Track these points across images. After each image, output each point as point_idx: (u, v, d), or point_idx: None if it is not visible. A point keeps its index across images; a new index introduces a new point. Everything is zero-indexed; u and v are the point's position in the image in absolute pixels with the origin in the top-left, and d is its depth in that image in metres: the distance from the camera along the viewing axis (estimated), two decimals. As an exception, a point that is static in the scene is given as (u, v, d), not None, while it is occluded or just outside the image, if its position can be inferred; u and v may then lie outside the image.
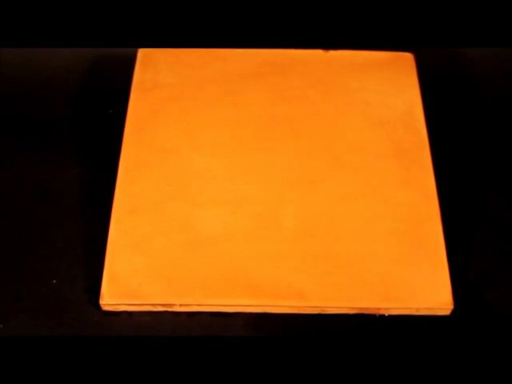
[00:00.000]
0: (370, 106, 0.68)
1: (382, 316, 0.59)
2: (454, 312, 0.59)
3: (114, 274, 0.59)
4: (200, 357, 0.56)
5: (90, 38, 0.70)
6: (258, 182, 0.64)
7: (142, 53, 0.72)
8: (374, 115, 0.68)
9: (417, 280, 0.59)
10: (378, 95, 0.69)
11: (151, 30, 0.70)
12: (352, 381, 0.55)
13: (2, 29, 0.68)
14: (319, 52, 0.72)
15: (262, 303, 0.58)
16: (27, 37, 0.70)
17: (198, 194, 0.63)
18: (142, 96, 0.69)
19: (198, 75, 0.71)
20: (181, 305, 0.59)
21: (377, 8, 0.69)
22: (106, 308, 0.59)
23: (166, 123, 0.67)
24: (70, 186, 0.66)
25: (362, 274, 0.59)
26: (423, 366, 0.56)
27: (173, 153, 0.65)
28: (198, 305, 0.59)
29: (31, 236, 0.64)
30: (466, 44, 0.70)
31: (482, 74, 0.75)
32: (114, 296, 0.58)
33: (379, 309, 0.59)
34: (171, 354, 0.56)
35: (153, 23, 0.69)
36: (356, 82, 0.70)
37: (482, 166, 0.69)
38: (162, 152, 0.65)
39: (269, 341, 0.57)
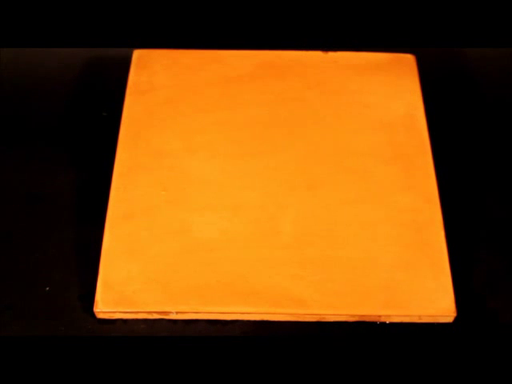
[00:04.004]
0: (370, 108, 0.68)
1: (383, 323, 0.59)
2: (456, 319, 0.58)
3: (108, 281, 0.59)
4: (197, 365, 0.56)
5: (84, 37, 0.70)
6: (256, 187, 0.63)
7: (137, 54, 0.72)
8: (374, 118, 0.67)
9: (419, 287, 0.58)
10: (378, 98, 0.69)
11: (147, 30, 0.70)
12: (353, 390, 0.55)
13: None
14: (318, 53, 0.72)
15: (260, 311, 0.58)
16: (19, 37, 0.69)
17: (194, 198, 0.63)
18: (137, 99, 0.68)
19: (194, 77, 0.70)
20: (177, 312, 0.58)
21: (377, 8, 0.69)
22: (100, 316, 0.59)
23: (162, 126, 0.67)
24: (63, 190, 0.66)
25: (362, 280, 0.59)
26: (425, 374, 0.56)
27: (169, 157, 0.65)
28: (195, 312, 0.58)
29: (23, 242, 0.63)
30: (468, 44, 0.70)
31: (484, 76, 0.75)
32: (108, 303, 0.58)
33: (380, 316, 0.58)
34: (168, 361, 0.56)
35: (149, 23, 0.69)
36: (356, 84, 0.70)
37: (485, 169, 0.68)
38: (158, 156, 0.65)
39: (267, 349, 0.57)
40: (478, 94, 0.74)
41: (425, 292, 0.58)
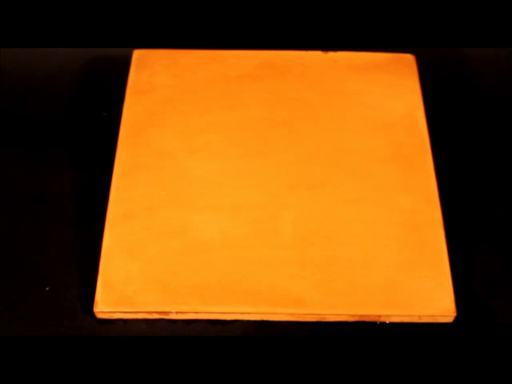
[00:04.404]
0: (370, 108, 0.68)
1: (383, 323, 0.58)
2: (456, 319, 0.58)
3: (108, 281, 0.58)
4: (197, 365, 0.56)
5: (84, 37, 0.70)
6: (256, 187, 0.63)
7: (137, 54, 0.71)
8: (374, 118, 0.67)
9: (418, 286, 0.58)
10: (378, 98, 0.69)
11: (147, 30, 0.70)
12: (353, 390, 0.55)
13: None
14: (318, 53, 0.72)
15: (260, 311, 0.58)
16: (19, 37, 0.69)
17: (194, 198, 0.62)
18: (137, 98, 0.68)
19: (194, 77, 0.70)
20: (177, 312, 0.58)
21: (377, 8, 0.68)
22: (100, 316, 0.58)
23: (162, 126, 0.66)
24: (63, 190, 0.66)
25: (362, 280, 0.59)
26: (425, 374, 0.55)
27: (169, 157, 0.65)
28: (195, 312, 0.58)
29: (23, 242, 0.63)
30: (468, 44, 0.70)
31: (485, 76, 0.75)
32: (108, 303, 0.58)
33: (380, 316, 0.58)
34: (168, 362, 0.56)
35: (149, 23, 0.69)
36: (356, 84, 0.69)
37: (485, 169, 0.68)
38: (158, 156, 0.65)
39: (267, 349, 0.56)
40: (478, 93, 0.73)
41: (425, 292, 0.58)
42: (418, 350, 0.57)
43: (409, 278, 0.58)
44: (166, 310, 0.58)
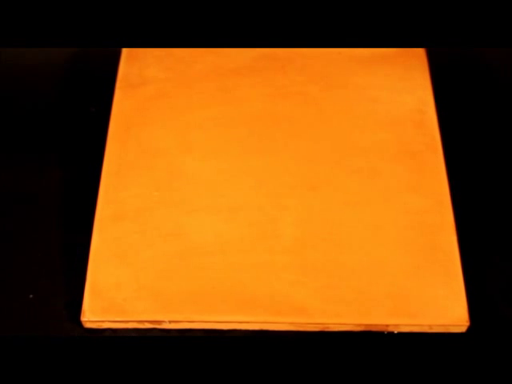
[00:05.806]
0: (377, 103, 0.67)
1: (391, 333, 0.57)
2: (470, 329, 0.57)
3: (96, 288, 0.58)
4: (193, 378, 0.54)
5: (75, 37, 0.69)
6: (255, 187, 0.62)
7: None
8: (381, 114, 0.67)
9: (429, 294, 0.57)
10: (386, 92, 0.68)
11: (140, 30, 0.68)
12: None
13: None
14: (321, 44, 0.72)
15: (259, 319, 0.57)
16: (9, 36, 0.67)
17: (188, 199, 0.62)
18: (128, 93, 0.68)
19: (188, 70, 0.69)
20: (170, 321, 0.57)
21: (386, 7, 0.67)
22: (88, 325, 0.58)
23: (154, 122, 0.66)
24: (50, 190, 0.65)
25: (368, 287, 0.58)
26: (436, 387, 0.55)
27: (161, 155, 0.64)
28: (190, 321, 0.57)
29: (6, 245, 0.62)
30: (482, 43, 0.68)
31: (497, 73, 0.74)
32: (96, 312, 0.57)
33: (388, 325, 0.57)
34: (160, 374, 0.54)
35: (144, 24, 0.68)
36: (362, 78, 0.69)
37: (498, 169, 0.67)
38: (150, 154, 0.64)
39: (267, 361, 0.55)
40: (491, 90, 0.73)
41: (436, 300, 0.57)
42: (428, 361, 0.55)
43: (418, 285, 0.58)
44: (158, 318, 0.57)
